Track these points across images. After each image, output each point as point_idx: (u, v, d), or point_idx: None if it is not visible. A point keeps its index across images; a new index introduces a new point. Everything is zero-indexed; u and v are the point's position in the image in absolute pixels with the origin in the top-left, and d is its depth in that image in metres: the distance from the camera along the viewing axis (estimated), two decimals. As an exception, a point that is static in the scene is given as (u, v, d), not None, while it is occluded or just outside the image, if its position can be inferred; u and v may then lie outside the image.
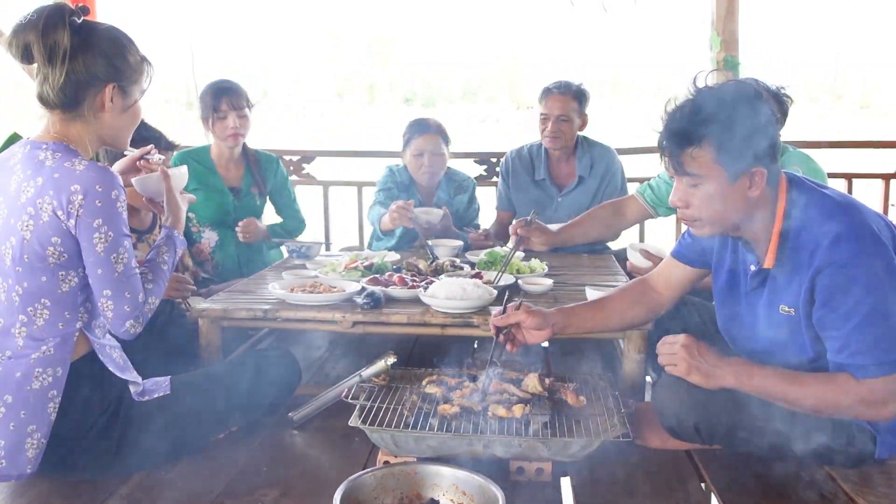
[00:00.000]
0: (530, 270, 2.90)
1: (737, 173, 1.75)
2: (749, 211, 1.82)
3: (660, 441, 2.09)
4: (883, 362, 1.69)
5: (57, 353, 1.82)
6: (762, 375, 1.81)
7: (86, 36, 1.82)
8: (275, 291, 2.52)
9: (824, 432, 1.84)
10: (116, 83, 1.87)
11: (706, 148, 1.74)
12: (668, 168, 1.84)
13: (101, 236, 1.78)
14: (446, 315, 2.37)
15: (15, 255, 1.79)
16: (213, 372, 2.19)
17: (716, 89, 1.78)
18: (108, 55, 1.85)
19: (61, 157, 1.80)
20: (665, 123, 1.81)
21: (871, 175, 4.41)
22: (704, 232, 1.89)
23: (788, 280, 1.83)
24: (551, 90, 3.55)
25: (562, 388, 2.10)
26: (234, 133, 3.33)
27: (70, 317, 1.85)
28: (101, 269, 1.80)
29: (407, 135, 3.63)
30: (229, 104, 3.29)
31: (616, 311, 2.18)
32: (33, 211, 1.77)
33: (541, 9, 31.95)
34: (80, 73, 1.82)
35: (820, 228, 1.75)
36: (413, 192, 3.67)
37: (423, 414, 2.02)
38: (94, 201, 1.76)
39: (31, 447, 1.79)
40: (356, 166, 5.16)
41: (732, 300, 2.03)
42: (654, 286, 2.23)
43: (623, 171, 3.71)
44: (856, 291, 1.69)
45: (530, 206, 3.64)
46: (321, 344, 3.08)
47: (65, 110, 1.85)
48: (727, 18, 4.25)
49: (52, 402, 1.81)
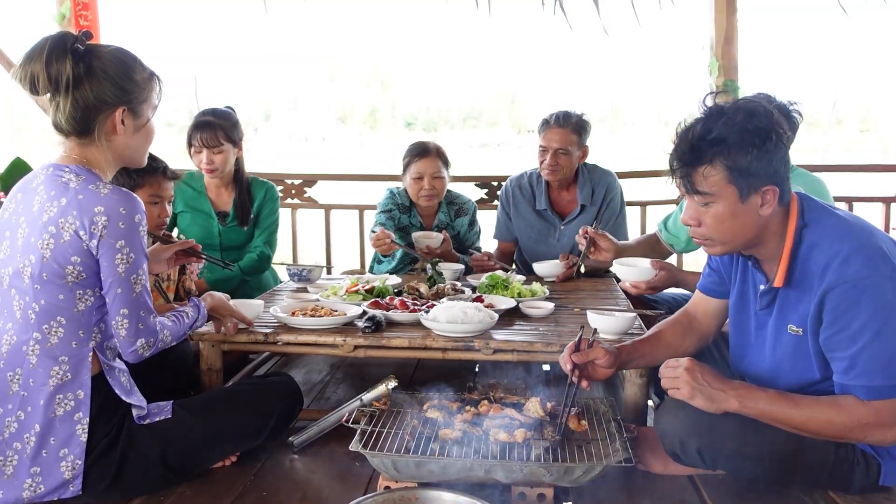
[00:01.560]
0: (531, 294, 2.89)
1: (748, 192, 1.76)
2: (760, 230, 1.82)
3: (662, 466, 2.08)
4: (889, 385, 1.69)
5: (74, 378, 1.84)
6: (766, 399, 1.80)
7: (90, 62, 1.85)
8: (276, 315, 2.52)
9: (828, 457, 1.82)
10: (126, 106, 1.89)
11: (718, 166, 1.75)
12: (679, 188, 1.84)
13: (123, 257, 1.82)
14: (447, 339, 2.37)
15: (34, 273, 1.81)
16: (214, 398, 2.19)
17: (727, 108, 1.78)
18: (115, 78, 1.87)
19: (85, 179, 1.84)
20: (676, 143, 1.82)
21: (872, 199, 4.43)
22: (716, 251, 1.89)
23: (797, 300, 1.83)
24: (549, 122, 3.50)
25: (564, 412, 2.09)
26: (208, 168, 3.35)
27: (84, 336, 1.86)
28: (121, 288, 1.84)
29: (407, 158, 3.64)
30: (202, 141, 3.30)
31: (672, 343, 2.17)
32: (54, 230, 1.79)
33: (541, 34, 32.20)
34: (87, 99, 1.84)
35: (830, 248, 1.75)
36: (413, 215, 3.68)
37: (425, 438, 2.01)
38: (117, 223, 1.80)
39: (66, 469, 1.83)
40: (358, 190, 5.18)
41: (743, 319, 2.03)
42: (696, 315, 2.23)
43: (622, 193, 3.70)
44: (864, 312, 1.68)
45: (532, 235, 3.64)
46: (322, 367, 3.07)
47: (79, 136, 1.89)
48: (727, 44, 4.29)
49: (79, 424, 1.84)
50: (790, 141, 2.80)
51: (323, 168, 20.05)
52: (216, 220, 3.45)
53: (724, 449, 1.87)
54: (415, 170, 3.57)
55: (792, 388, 1.84)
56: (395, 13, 35.83)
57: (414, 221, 3.68)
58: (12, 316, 1.86)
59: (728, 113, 1.76)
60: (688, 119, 1.83)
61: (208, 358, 2.46)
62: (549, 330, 2.47)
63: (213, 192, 3.48)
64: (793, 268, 1.83)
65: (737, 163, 1.73)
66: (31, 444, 1.81)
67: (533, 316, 2.65)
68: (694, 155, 1.77)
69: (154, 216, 2.61)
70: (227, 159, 3.36)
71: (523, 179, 3.72)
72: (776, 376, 1.88)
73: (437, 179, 3.57)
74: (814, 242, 1.79)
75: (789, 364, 1.88)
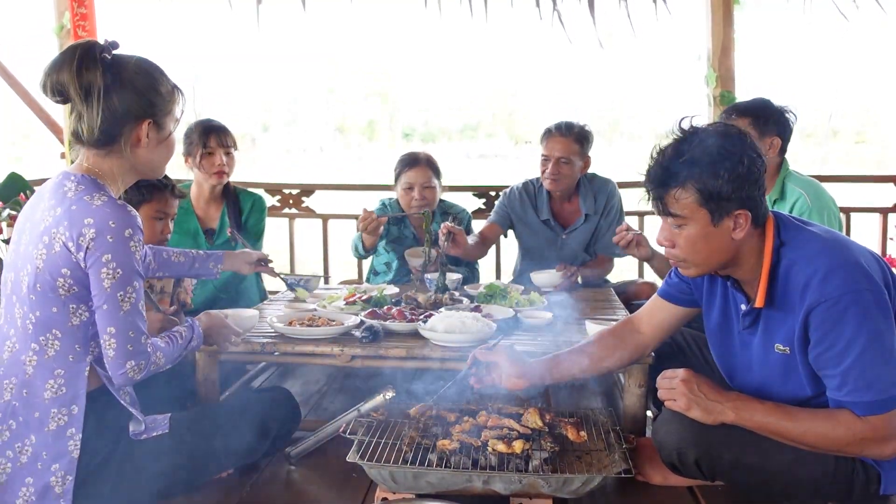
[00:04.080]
0: (529, 304, 2.89)
1: (720, 215, 1.76)
2: (735, 252, 1.82)
3: (661, 477, 2.07)
4: (883, 399, 1.68)
5: (70, 391, 1.81)
6: (763, 411, 1.79)
7: (118, 72, 1.82)
8: (273, 325, 2.51)
9: (827, 468, 1.81)
10: (152, 118, 1.87)
11: (689, 189, 1.75)
12: (654, 208, 1.85)
13: (108, 272, 1.76)
14: (445, 349, 2.36)
15: (30, 283, 1.79)
16: (211, 412, 2.16)
17: (700, 132, 1.79)
18: (142, 90, 1.84)
19: (84, 190, 1.80)
20: (650, 164, 1.83)
21: (869, 209, 4.44)
22: (691, 273, 1.89)
23: (782, 319, 1.83)
24: (552, 131, 3.49)
25: (562, 423, 2.09)
26: (220, 170, 3.34)
27: (80, 350, 1.83)
28: (108, 305, 1.78)
29: (398, 168, 3.64)
30: (217, 141, 3.32)
31: (597, 355, 2.17)
32: (47, 240, 1.77)
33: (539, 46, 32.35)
34: (115, 110, 1.81)
35: (809, 266, 1.75)
36: (406, 226, 3.68)
37: (423, 449, 2.00)
38: (105, 237, 1.74)
39: (56, 484, 1.79)
40: (355, 200, 5.19)
41: (727, 339, 2.02)
42: (638, 327, 2.22)
43: (621, 202, 3.70)
44: (848, 329, 1.68)
45: (536, 243, 3.63)
46: (319, 378, 3.06)
47: (99, 147, 1.85)
48: (723, 54, 4.31)
49: (71, 440, 1.81)
50: (785, 142, 2.85)
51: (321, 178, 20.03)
52: (203, 238, 3.41)
53: (722, 460, 1.86)
54: (405, 180, 3.58)
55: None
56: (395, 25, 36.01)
57: (406, 233, 3.68)
58: (14, 323, 1.84)
59: (701, 136, 1.77)
60: (663, 142, 1.83)
61: (205, 368, 2.44)
62: (546, 340, 2.46)
63: (200, 208, 3.44)
64: (773, 287, 1.82)
65: (707, 186, 1.73)
66: (27, 455, 1.79)
67: (531, 326, 2.64)
68: (666, 177, 1.78)
69: (157, 232, 2.61)
70: (234, 164, 3.38)
71: (529, 186, 3.70)
72: (768, 395, 1.88)
73: (427, 189, 3.56)
74: (792, 261, 1.79)
75: (780, 383, 1.88)
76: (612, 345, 2.18)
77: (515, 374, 2.05)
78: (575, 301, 2.87)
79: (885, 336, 1.69)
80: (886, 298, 1.72)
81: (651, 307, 2.22)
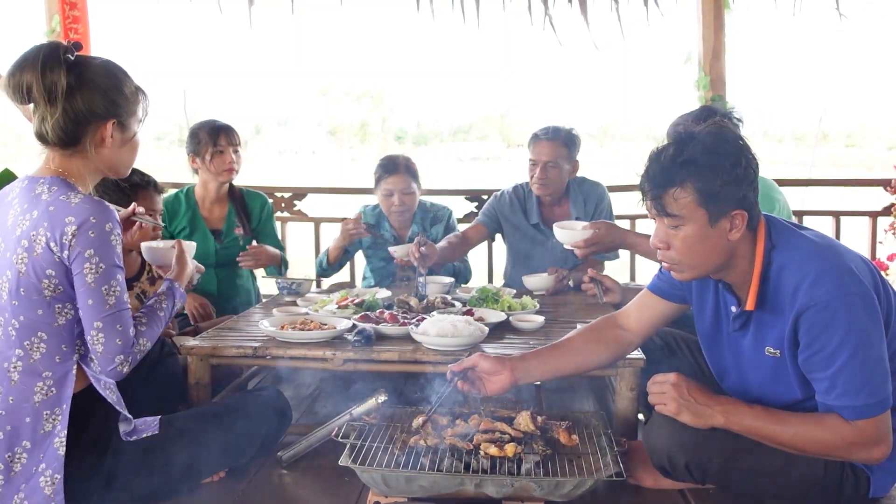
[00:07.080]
0: (521, 307, 2.89)
1: (718, 216, 1.76)
2: (729, 253, 1.83)
3: (653, 480, 2.07)
4: (871, 404, 1.69)
5: (58, 392, 1.81)
6: (752, 415, 1.80)
7: (82, 72, 1.83)
8: (265, 328, 2.50)
9: (816, 471, 1.82)
10: (116, 119, 1.88)
11: (688, 189, 1.76)
12: (649, 210, 1.85)
13: (91, 267, 1.76)
14: (437, 352, 2.36)
15: (11, 289, 1.78)
16: (202, 413, 2.16)
17: (697, 132, 1.80)
18: (105, 91, 1.85)
19: (57, 190, 1.80)
20: (647, 165, 1.83)
21: (859, 213, 4.47)
22: (685, 276, 1.89)
23: (772, 322, 1.84)
24: (539, 136, 3.51)
25: (554, 426, 2.09)
26: (230, 168, 3.39)
27: (67, 350, 1.83)
28: (92, 300, 1.78)
29: (377, 173, 3.66)
30: (227, 140, 3.38)
31: (581, 351, 2.15)
32: (27, 244, 1.76)
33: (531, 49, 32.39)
34: (79, 110, 1.82)
35: (799, 270, 1.76)
36: (387, 228, 3.70)
37: (415, 453, 2.00)
38: (87, 232, 1.75)
39: (46, 485, 1.79)
40: (347, 203, 5.19)
41: (718, 341, 2.03)
42: (622, 323, 2.22)
43: (611, 205, 3.71)
44: (838, 333, 1.69)
45: (526, 247, 3.64)
46: (311, 381, 3.06)
47: (64, 147, 1.86)
48: (714, 59, 4.34)
49: (57, 437, 1.80)
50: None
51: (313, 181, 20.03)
52: (212, 238, 3.43)
53: (712, 464, 1.87)
54: (385, 187, 3.60)
55: (775, 408, 1.85)
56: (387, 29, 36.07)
57: (387, 235, 3.69)
58: None
59: (699, 137, 1.78)
60: (660, 143, 1.84)
61: (196, 372, 2.44)
62: (539, 343, 2.46)
63: (205, 209, 3.47)
64: (764, 290, 1.83)
65: (707, 186, 1.74)
66: (23, 461, 1.78)
67: (523, 329, 2.65)
68: (665, 177, 1.78)
69: (149, 229, 2.61)
70: (241, 161, 3.44)
71: (519, 190, 3.71)
72: (758, 397, 1.89)
73: (407, 196, 3.59)
74: (782, 264, 1.80)
75: (770, 385, 1.89)
76: (594, 340, 2.17)
77: (491, 371, 2.03)
78: (567, 304, 2.87)
79: (874, 341, 1.70)
80: (876, 303, 1.73)
81: (639, 303, 2.22)
